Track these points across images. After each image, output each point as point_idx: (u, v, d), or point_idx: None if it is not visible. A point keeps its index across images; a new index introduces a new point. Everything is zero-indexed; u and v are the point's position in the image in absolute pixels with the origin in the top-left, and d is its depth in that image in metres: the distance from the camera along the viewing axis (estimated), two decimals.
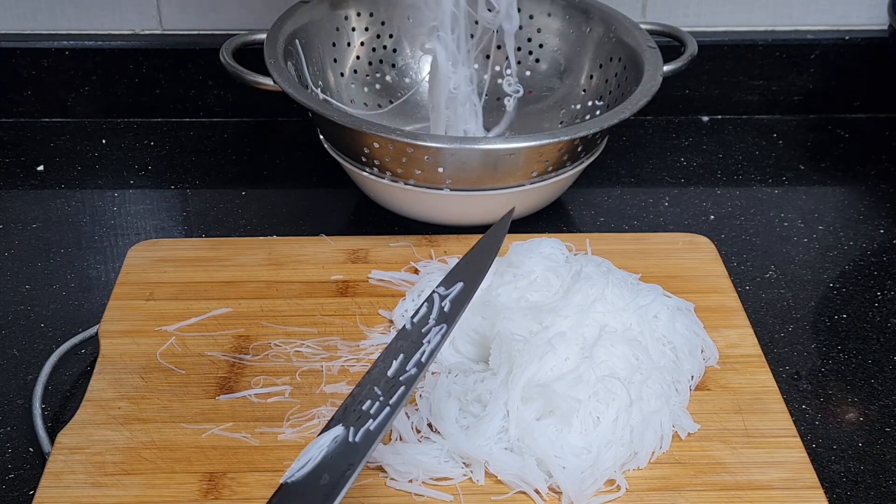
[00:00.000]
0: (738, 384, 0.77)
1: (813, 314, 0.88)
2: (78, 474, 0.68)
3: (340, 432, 0.59)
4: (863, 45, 1.13)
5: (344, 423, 0.60)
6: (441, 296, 0.65)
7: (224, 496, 0.68)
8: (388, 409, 0.60)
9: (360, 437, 0.59)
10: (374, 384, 0.61)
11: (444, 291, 0.66)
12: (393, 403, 0.60)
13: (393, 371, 0.62)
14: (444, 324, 0.63)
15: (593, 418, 0.70)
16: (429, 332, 0.63)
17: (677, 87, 1.12)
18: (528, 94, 1.07)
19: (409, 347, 0.63)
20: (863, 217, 1.01)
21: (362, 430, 0.59)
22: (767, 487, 0.69)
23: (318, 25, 1.01)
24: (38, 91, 1.11)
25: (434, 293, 0.65)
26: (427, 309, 0.65)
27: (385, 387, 0.61)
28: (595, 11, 1.04)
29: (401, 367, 0.62)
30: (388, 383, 0.61)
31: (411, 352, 0.62)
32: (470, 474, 0.69)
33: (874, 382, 0.82)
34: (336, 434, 0.59)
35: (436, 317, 0.64)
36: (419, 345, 0.63)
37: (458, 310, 0.64)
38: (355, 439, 0.58)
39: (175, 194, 1.02)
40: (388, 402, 0.60)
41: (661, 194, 1.03)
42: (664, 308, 0.78)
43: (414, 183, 0.88)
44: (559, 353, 0.72)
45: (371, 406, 0.60)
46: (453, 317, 0.64)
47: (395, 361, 0.62)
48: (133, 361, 0.77)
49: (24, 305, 0.87)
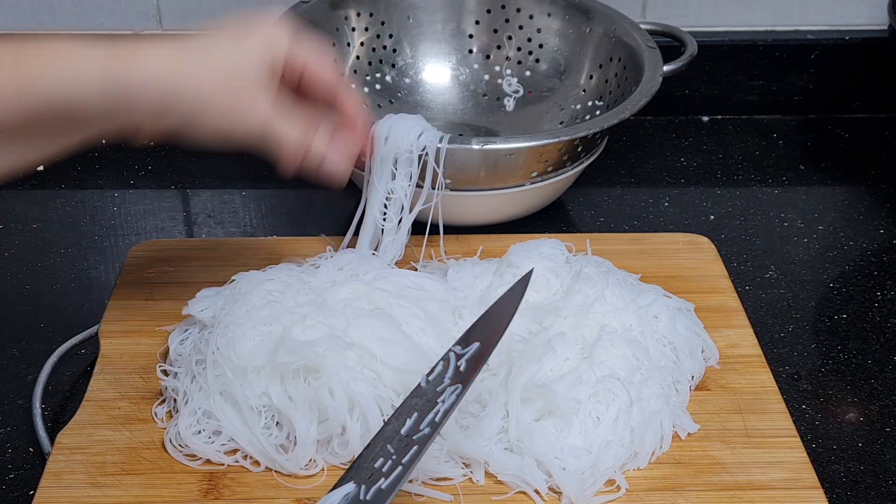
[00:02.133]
0: (738, 384, 0.77)
1: (813, 314, 0.88)
2: (78, 474, 0.68)
3: (352, 490, 0.59)
4: (863, 45, 1.13)
5: (356, 480, 0.59)
6: (457, 355, 0.65)
7: (224, 496, 0.68)
8: (400, 468, 0.59)
9: (371, 495, 0.58)
10: (386, 442, 0.61)
11: (461, 350, 0.65)
12: (405, 463, 0.59)
13: (406, 429, 0.61)
14: (459, 384, 0.63)
15: (593, 419, 0.70)
16: (443, 391, 0.63)
17: (677, 87, 1.12)
18: (528, 94, 1.07)
19: (423, 406, 0.63)
20: (863, 217, 1.01)
21: (374, 489, 0.58)
22: (767, 487, 0.69)
23: (318, 25, 1.01)
24: None
25: (450, 352, 0.65)
26: (443, 367, 0.64)
27: (398, 445, 0.61)
28: (595, 11, 1.04)
29: (414, 426, 0.61)
30: (401, 442, 0.61)
31: (425, 410, 0.62)
32: (470, 474, 0.69)
33: (874, 382, 0.82)
34: (347, 491, 0.59)
35: (451, 376, 0.64)
36: (433, 404, 0.62)
37: (473, 370, 0.64)
38: (367, 497, 0.58)
39: (175, 194, 1.02)
40: (400, 462, 0.59)
41: (661, 194, 1.03)
42: (664, 308, 0.78)
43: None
44: (559, 354, 0.72)
45: (384, 464, 0.59)
46: (468, 377, 0.63)
47: (409, 420, 0.62)
48: (133, 361, 0.77)
49: (24, 305, 0.87)
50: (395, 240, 0.84)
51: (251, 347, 0.71)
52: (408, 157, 0.82)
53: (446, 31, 1.07)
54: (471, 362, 0.64)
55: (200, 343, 0.74)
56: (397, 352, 0.71)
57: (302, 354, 0.69)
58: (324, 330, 0.71)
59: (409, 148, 0.82)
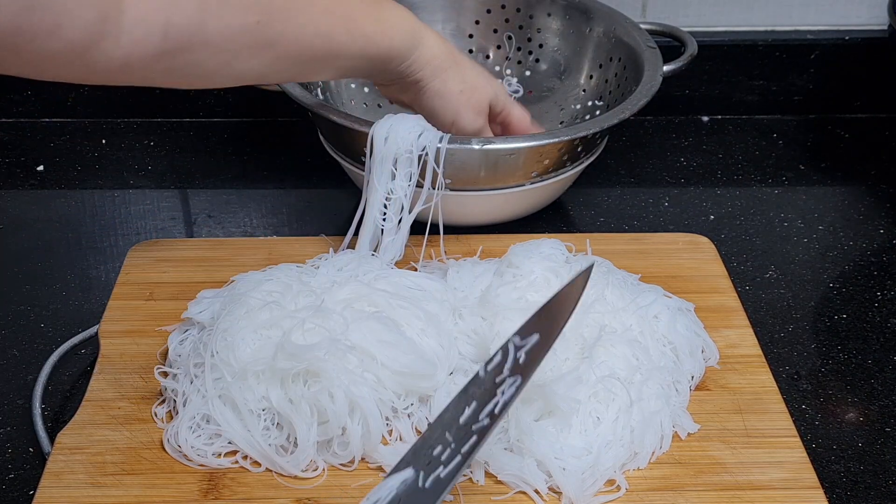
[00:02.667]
0: (738, 384, 0.77)
1: (813, 314, 0.88)
2: (78, 474, 0.68)
3: (410, 475, 0.59)
4: (863, 45, 1.13)
5: (414, 466, 0.59)
6: (516, 346, 0.64)
7: (224, 496, 0.68)
8: (459, 457, 0.59)
9: (430, 483, 0.58)
10: (445, 429, 0.61)
11: (520, 342, 0.65)
12: (465, 452, 0.59)
13: (465, 419, 0.61)
14: (518, 375, 0.63)
15: (593, 419, 0.70)
16: (503, 382, 0.63)
17: (677, 87, 1.12)
18: (528, 94, 1.07)
19: (482, 396, 0.62)
20: (863, 217, 1.01)
21: (432, 477, 0.58)
22: (767, 487, 0.69)
23: None
24: (38, 91, 1.11)
25: (510, 342, 0.65)
26: (501, 357, 0.64)
27: (457, 434, 0.60)
28: (595, 11, 1.04)
29: (473, 416, 0.61)
30: (460, 430, 0.61)
31: (484, 400, 0.62)
32: (470, 474, 0.69)
33: (874, 382, 0.82)
34: (406, 477, 0.59)
35: (510, 367, 0.63)
36: (493, 394, 0.62)
37: (533, 362, 0.64)
38: (425, 485, 0.58)
39: (175, 194, 1.02)
40: (459, 451, 0.59)
41: (661, 194, 1.03)
42: (664, 308, 0.78)
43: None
44: (558, 354, 0.72)
45: (442, 452, 0.59)
46: (528, 369, 0.63)
47: (468, 409, 0.62)
48: (133, 361, 0.77)
49: (24, 305, 0.87)
50: (395, 240, 0.84)
51: (251, 352, 0.71)
52: (407, 157, 0.82)
53: (446, 30, 1.07)
54: (531, 354, 0.64)
55: (199, 345, 0.74)
56: (398, 354, 0.71)
57: (302, 359, 0.69)
58: (323, 333, 0.71)
59: (409, 148, 0.82)
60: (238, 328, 0.72)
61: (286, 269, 0.80)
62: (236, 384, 0.70)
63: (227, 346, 0.71)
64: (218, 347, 0.72)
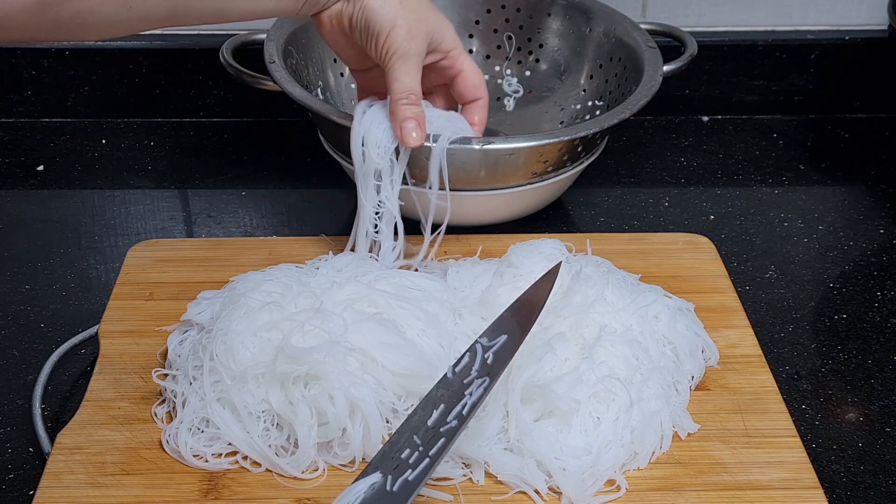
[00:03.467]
0: (738, 384, 0.77)
1: (813, 314, 0.88)
2: (78, 474, 0.68)
3: (378, 479, 0.58)
4: (863, 45, 1.13)
5: (382, 471, 0.59)
6: (484, 347, 0.64)
7: (224, 496, 0.68)
8: (427, 460, 0.59)
9: (398, 486, 0.58)
10: (413, 433, 0.61)
11: (488, 343, 0.65)
12: (433, 455, 0.59)
13: (433, 421, 0.61)
14: (486, 377, 0.63)
15: (593, 419, 0.70)
16: (471, 383, 0.62)
17: (677, 87, 1.12)
18: (528, 94, 1.07)
19: (450, 397, 0.62)
20: (863, 217, 1.01)
21: (400, 480, 0.58)
22: (767, 487, 0.69)
23: None
24: (38, 91, 1.11)
25: (477, 343, 0.65)
26: (469, 359, 0.64)
27: (425, 437, 0.60)
28: (595, 11, 1.04)
29: (441, 418, 0.61)
30: (427, 433, 0.60)
31: (452, 402, 0.62)
32: (470, 474, 0.69)
33: (874, 382, 0.82)
34: (374, 481, 0.58)
35: (478, 368, 0.63)
36: (461, 396, 0.62)
37: (501, 363, 0.63)
38: (393, 489, 0.58)
39: (175, 194, 1.02)
40: (427, 454, 0.59)
41: (661, 194, 1.03)
42: (664, 308, 0.78)
43: (414, 183, 0.87)
44: (558, 354, 0.72)
45: (410, 455, 0.59)
46: (496, 370, 0.63)
47: (436, 411, 0.62)
48: (133, 361, 0.77)
49: (24, 305, 0.87)
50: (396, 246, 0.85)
51: (250, 356, 0.71)
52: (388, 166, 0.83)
53: None
54: (498, 355, 0.64)
55: (198, 347, 0.74)
56: (398, 356, 0.71)
57: (302, 362, 0.69)
58: (323, 336, 0.71)
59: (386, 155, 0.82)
60: (237, 331, 0.72)
61: (286, 269, 0.80)
62: (235, 387, 0.70)
63: (227, 349, 0.71)
64: (217, 350, 0.72)
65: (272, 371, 0.70)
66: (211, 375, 0.71)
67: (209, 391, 0.71)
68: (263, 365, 0.70)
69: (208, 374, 0.71)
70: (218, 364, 0.71)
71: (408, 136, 0.80)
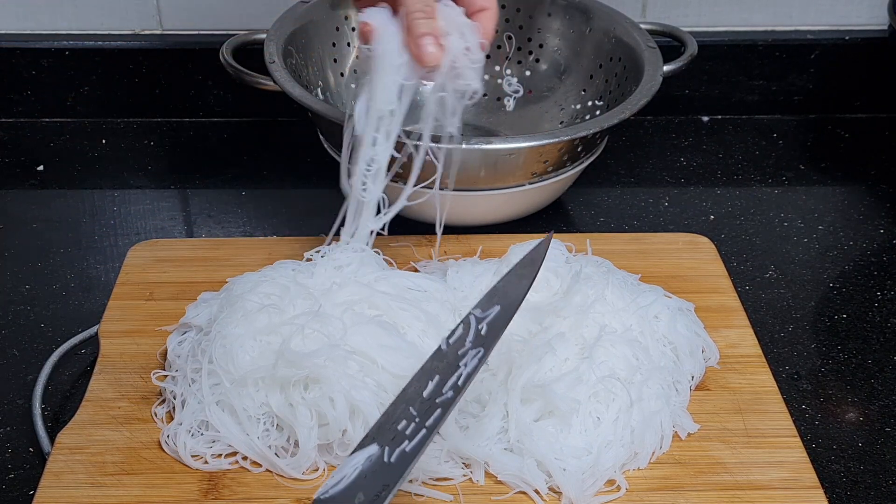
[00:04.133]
0: (738, 384, 0.77)
1: (813, 314, 0.88)
2: (78, 474, 0.69)
3: (375, 451, 0.58)
4: (863, 45, 1.13)
5: (378, 442, 0.59)
6: (478, 318, 0.64)
7: (224, 496, 0.68)
8: (424, 431, 0.59)
9: (395, 457, 0.58)
10: (409, 404, 0.61)
11: (481, 314, 0.64)
12: (429, 426, 0.59)
13: (429, 392, 0.61)
14: (480, 347, 0.62)
15: (593, 419, 0.70)
16: (465, 354, 0.62)
17: (677, 87, 1.12)
18: (528, 94, 1.07)
19: (444, 369, 0.62)
20: (863, 217, 1.01)
21: (398, 451, 0.58)
22: (767, 487, 0.69)
23: (318, 25, 1.01)
24: (38, 91, 1.11)
25: (471, 314, 0.64)
26: (463, 331, 0.64)
27: (421, 408, 0.60)
28: (595, 11, 1.04)
29: (437, 389, 0.61)
30: (423, 404, 0.60)
31: (447, 374, 0.61)
32: (470, 474, 0.69)
33: (874, 382, 0.82)
34: (371, 453, 0.58)
35: (472, 339, 0.63)
36: (455, 367, 0.62)
37: (495, 334, 0.63)
38: (391, 459, 0.58)
39: (175, 194, 1.02)
40: (424, 425, 0.59)
41: (661, 194, 1.03)
42: (665, 308, 0.78)
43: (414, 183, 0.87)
44: (559, 354, 0.72)
45: (406, 427, 0.59)
46: (490, 341, 0.63)
47: (431, 383, 0.61)
48: (133, 361, 0.77)
49: (24, 305, 0.87)
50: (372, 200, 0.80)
51: (250, 360, 0.71)
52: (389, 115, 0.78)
53: None
54: (492, 326, 0.63)
55: (197, 349, 0.74)
56: (399, 358, 0.71)
57: (302, 366, 0.69)
58: (323, 339, 0.71)
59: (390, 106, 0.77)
60: (236, 334, 0.72)
61: (282, 269, 0.80)
62: (235, 390, 0.70)
63: (226, 353, 0.71)
64: (216, 354, 0.72)
65: (272, 375, 0.70)
66: (210, 379, 0.71)
67: (207, 394, 0.71)
68: (263, 369, 0.70)
69: (207, 377, 0.71)
70: (217, 367, 0.71)
71: (425, 52, 0.72)
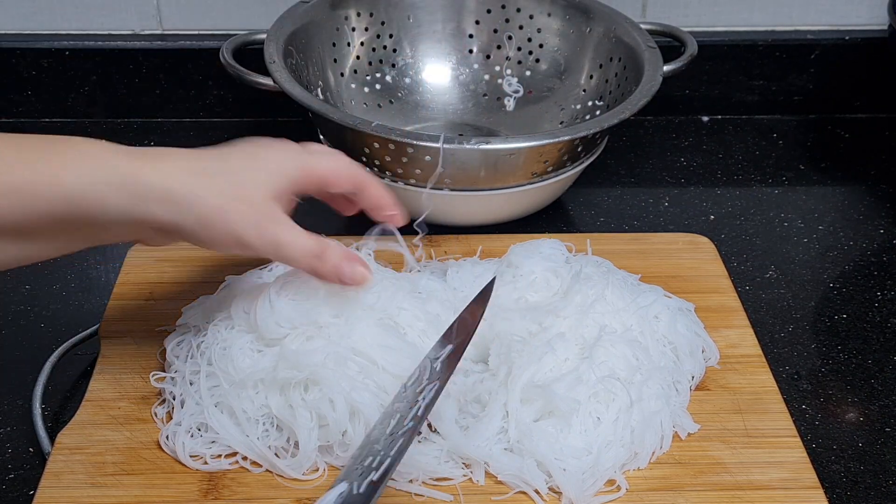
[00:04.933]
0: (738, 384, 0.77)
1: (813, 314, 0.88)
2: (78, 474, 0.68)
3: (345, 488, 0.59)
4: (863, 45, 1.13)
5: (348, 481, 0.60)
6: (432, 360, 0.66)
7: (224, 496, 0.68)
8: (389, 459, 0.60)
9: (364, 487, 0.59)
10: (374, 444, 0.62)
11: (435, 355, 0.67)
12: (394, 454, 0.60)
13: (391, 429, 0.62)
14: (436, 381, 0.64)
15: (593, 419, 0.70)
16: (423, 390, 0.64)
17: (677, 87, 1.12)
18: (528, 94, 1.07)
19: (405, 408, 0.63)
20: (863, 217, 1.01)
21: (366, 482, 0.59)
22: (767, 487, 0.69)
23: (318, 25, 1.01)
24: (38, 91, 1.11)
25: (426, 359, 0.66)
26: (419, 373, 0.66)
27: (385, 443, 0.61)
28: (595, 11, 1.04)
29: (398, 424, 0.62)
30: (387, 440, 0.61)
31: (407, 411, 0.63)
32: (470, 475, 0.69)
33: (874, 382, 0.82)
34: (341, 490, 0.59)
35: (428, 377, 0.65)
36: (415, 402, 0.63)
37: (449, 367, 0.65)
38: (360, 490, 0.58)
39: None
40: (388, 454, 0.60)
41: (661, 194, 1.03)
42: (665, 308, 0.78)
43: (414, 183, 0.88)
44: (558, 354, 0.72)
45: (373, 461, 0.60)
46: (445, 374, 0.64)
47: (393, 421, 0.63)
48: (133, 361, 0.77)
49: (24, 305, 0.87)
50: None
51: (249, 362, 0.71)
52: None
53: (446, 30, 1.08)
54: (445, 362, 0.65)
55: (195, 351, 0.74)
56: (399, 358, 0.71)
57: (303, 368, 0.69)
58: (323, 340, 0.71)
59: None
60: (234, 336, 0.72)
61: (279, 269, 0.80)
62: (234, 392, 0.70)
63: (225, 355, 0.71)
64: (215, 356, 0.71)
65: (272, 377, 0.70)
66: (208, 380, 0.71)
67: (206, 395, 0.71)
68: (263, 371, 0.70)
69: (205, 378, 0.71)
70: (216, 369, 0.71)
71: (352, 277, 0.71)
